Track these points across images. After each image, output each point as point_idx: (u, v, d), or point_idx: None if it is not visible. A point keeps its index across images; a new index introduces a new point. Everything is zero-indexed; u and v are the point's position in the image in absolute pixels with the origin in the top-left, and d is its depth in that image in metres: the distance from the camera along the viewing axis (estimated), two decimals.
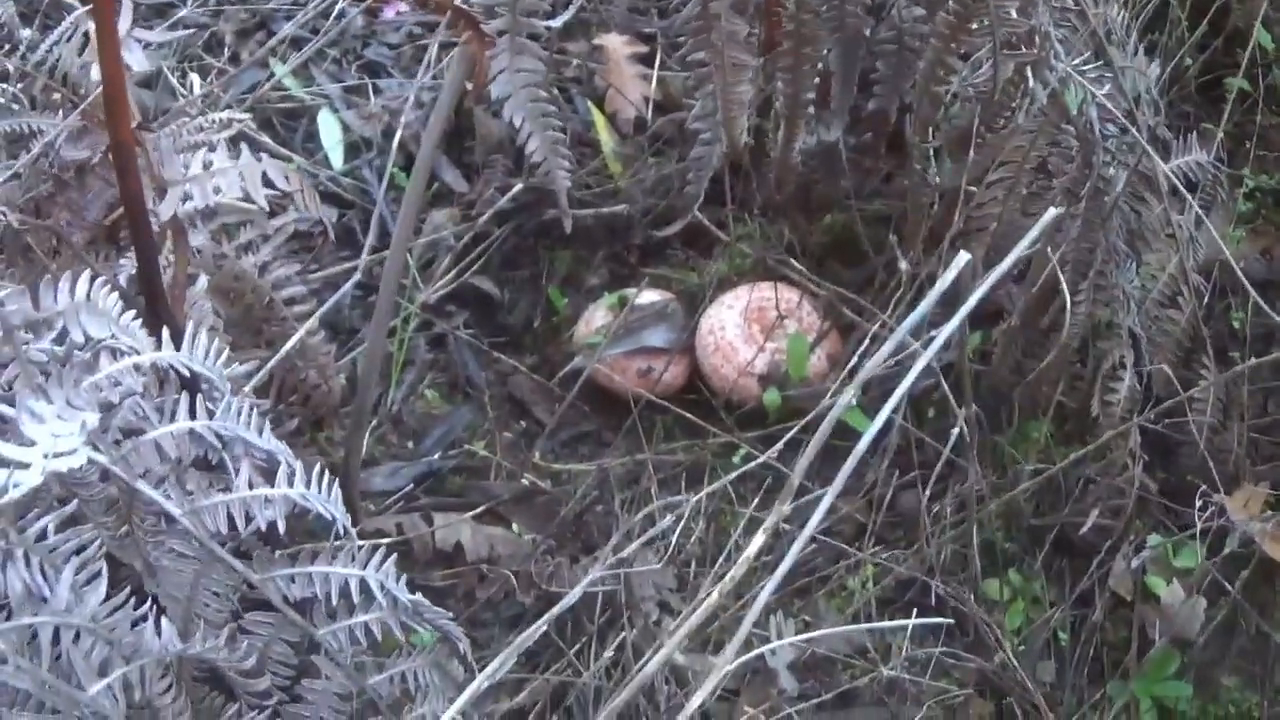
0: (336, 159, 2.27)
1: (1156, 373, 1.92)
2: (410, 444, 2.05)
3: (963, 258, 1.13)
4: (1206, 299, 1.96)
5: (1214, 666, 1.93)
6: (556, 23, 1.62)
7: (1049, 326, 1.93)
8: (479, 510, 1.98)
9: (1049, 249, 1.84)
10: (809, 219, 2.14)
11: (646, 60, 2.31)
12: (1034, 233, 1.18)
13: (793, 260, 2.10)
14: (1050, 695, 1.88)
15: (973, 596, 1.92)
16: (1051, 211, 1.21)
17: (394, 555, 1.35)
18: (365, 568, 1.33)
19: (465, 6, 1.50)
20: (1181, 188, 1.90)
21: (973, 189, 1.87)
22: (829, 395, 1.95)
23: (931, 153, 1.95)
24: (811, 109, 1.91)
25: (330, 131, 2.29)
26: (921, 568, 1.93)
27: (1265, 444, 2.03)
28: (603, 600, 1.87)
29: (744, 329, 2.01)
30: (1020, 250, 1.18)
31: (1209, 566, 1.92)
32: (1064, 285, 1.80)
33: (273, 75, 2.35)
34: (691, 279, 2.15)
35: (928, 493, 1.90)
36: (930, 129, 1.91)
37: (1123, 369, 1.87)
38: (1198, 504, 1.82)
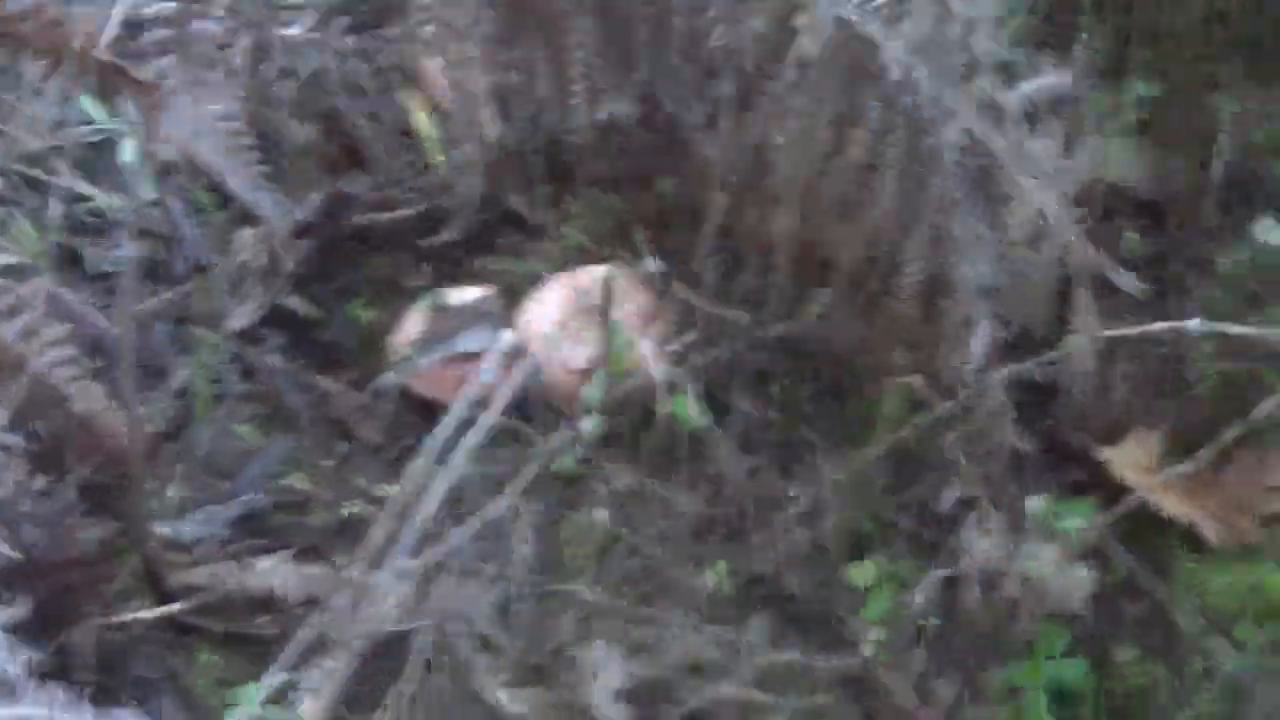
0: (144, 187, 2.12)
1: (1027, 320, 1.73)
2: (224, 484, 1.90)
3: None
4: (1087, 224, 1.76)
5: (1106, 639, 1.73)
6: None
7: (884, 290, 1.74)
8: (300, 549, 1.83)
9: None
10: (642, 189, 1.97)
11: None
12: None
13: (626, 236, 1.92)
14: (922, 688, 1.70)
15: (830, 587, 1.74)
16: None
17: None
18: None
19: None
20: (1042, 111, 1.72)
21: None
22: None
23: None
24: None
25: (133, 160, 2.13)
26: (774, 560, 1.75)
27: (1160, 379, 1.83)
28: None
29: (562, 322, 1.84)
30: None
31: (1095, 527, 1.74)
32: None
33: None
34: (521, 268, 1.97)
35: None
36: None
37: (972, 325, 1.67)
38: None
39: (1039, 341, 1.73)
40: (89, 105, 2.18)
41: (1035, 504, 1.75)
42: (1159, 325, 1.74)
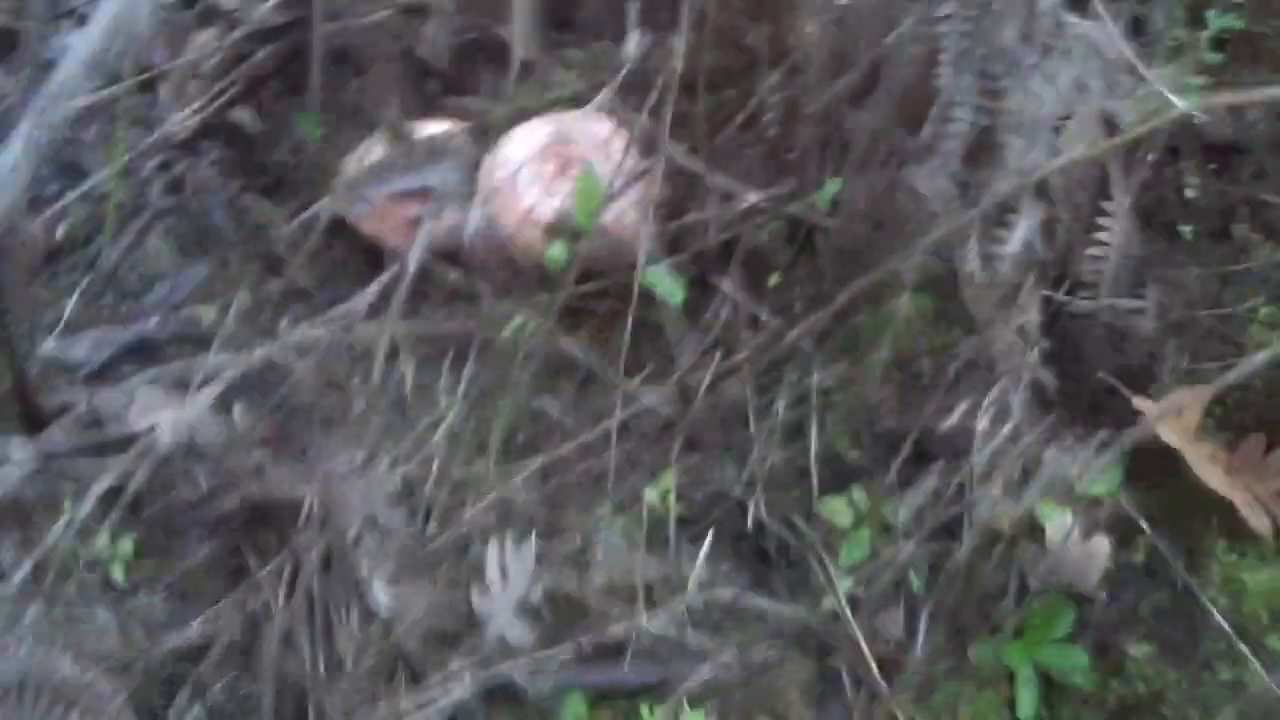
0: None
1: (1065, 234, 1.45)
2: (125, 306, 1.63)
3: None
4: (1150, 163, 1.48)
5: (1120, 629, 1.44)
6: None
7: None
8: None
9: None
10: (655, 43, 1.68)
11: None
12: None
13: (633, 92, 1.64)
14: (893, 657, 1.42)
15: (805, 520, 1.46)
16: None
17: None
18: None
19: None
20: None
21: None
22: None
23: None
24: None
25: None
26: (741, 480, 1.48)
27: (1207, 341, 1.54)
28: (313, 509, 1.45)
29: (537, 168, 1.55)
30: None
31: (1126, 495, 1.46)
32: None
33: None
34: (499, 111, 1.69)
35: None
36: None
37: (1013, 213, 1.39)
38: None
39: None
40: None
41: (1056, 457, 1.47)
42: None
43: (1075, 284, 1.47)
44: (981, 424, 1.41)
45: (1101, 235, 1.38)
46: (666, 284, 1.47)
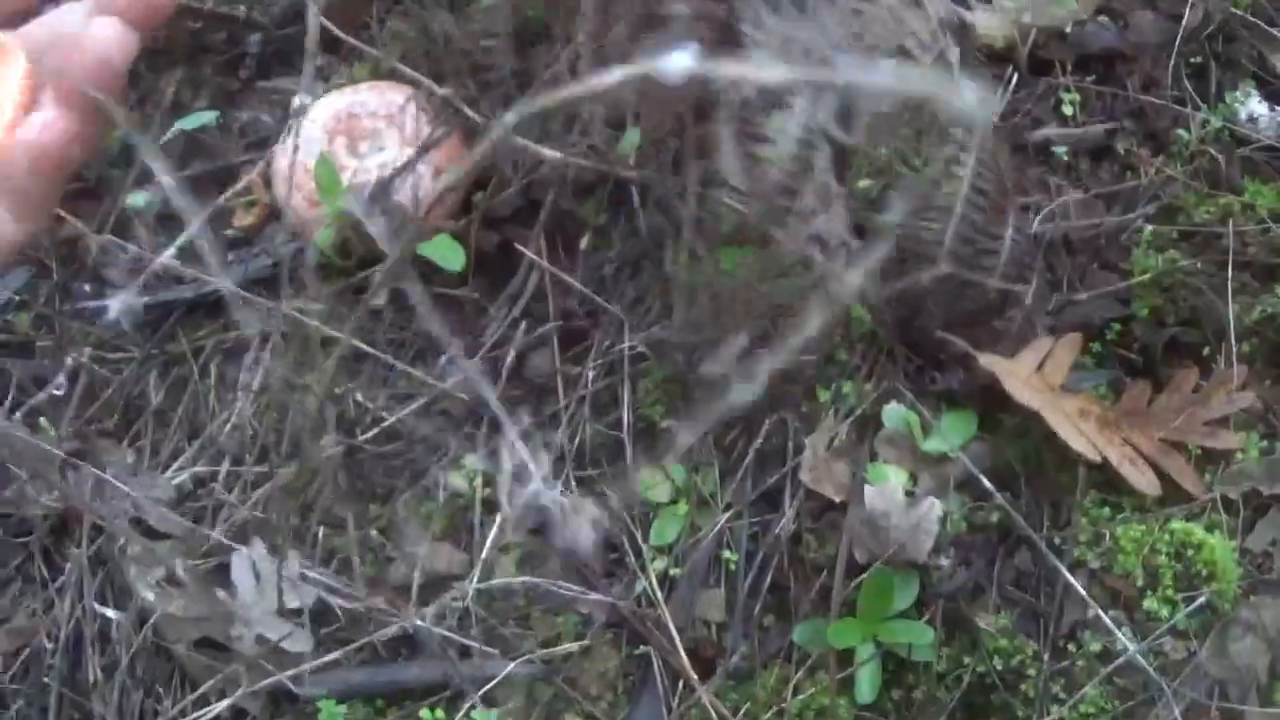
0: None
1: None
2: None
3: None
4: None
5: (973, 599, 1.28)
6: None
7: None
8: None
9: None
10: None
11: None
12: None
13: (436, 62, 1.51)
14: (711, 642, 1.27)
15: (620, 496, 1.33)
16: None
17: None
18: None
19: None
20: None
21: None
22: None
23: None
24: None
25: None
26: (551, 452, 1.35)
27: (1086, 272, 1.38)
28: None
29: (325, 145, 1.44)
30: None
31: (979, 448, 1.31)
32: None
33: None
34: (316, 91, 1.58)
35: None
36: None
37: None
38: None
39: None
40: None
41: (895, 411, 1.32)
42: None
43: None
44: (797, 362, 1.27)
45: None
46: (443, 252, 1.35)
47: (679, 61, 0.43)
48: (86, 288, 1.56)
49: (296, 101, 1.51)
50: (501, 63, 1.44)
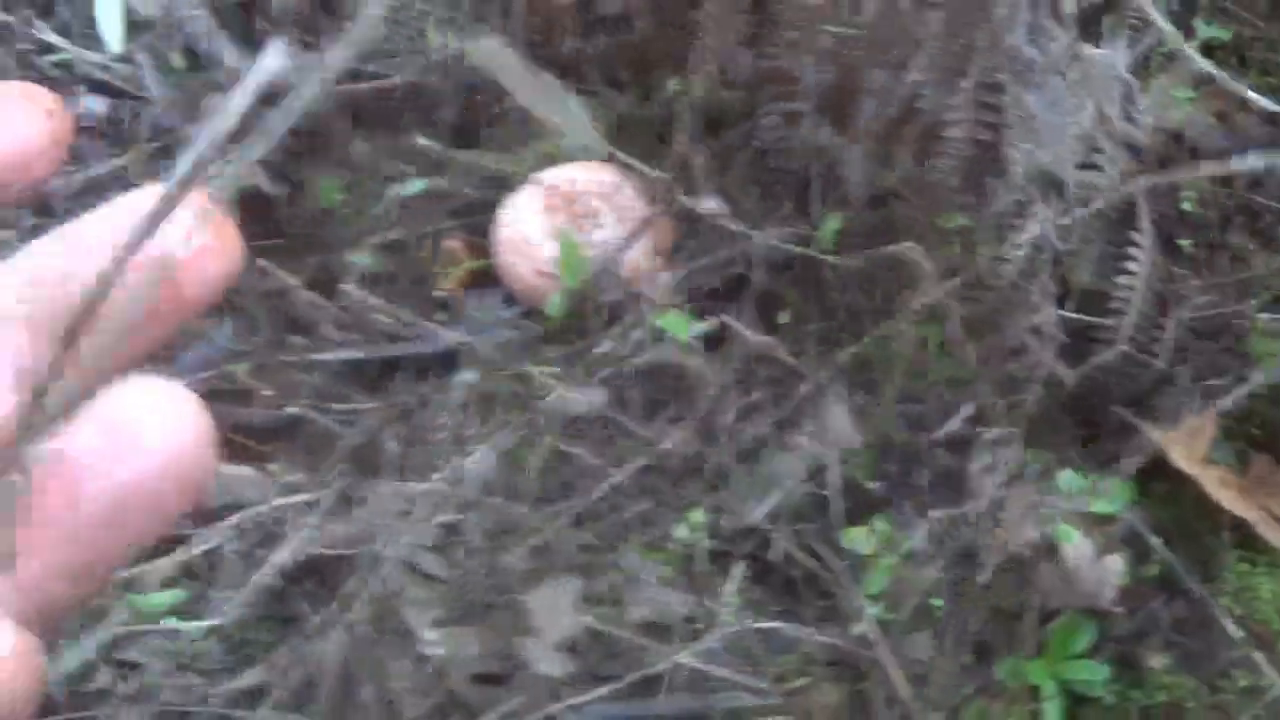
0: (114, 42, 1.90)
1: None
2: (159, 369, 1.67)
3: None
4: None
5: (1139, 642, 1.49)
6: None
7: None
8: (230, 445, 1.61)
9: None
10: (647, 82, 1.73)
11: None
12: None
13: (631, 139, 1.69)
14: (922, 678, 1.47)
15: (829, 550, 1.51)
16: None
17: None
18: None
19: None
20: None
21: None
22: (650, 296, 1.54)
23: None
24: None
25: (109, 12, 1.91)
26: (765, 514, 1.53)
27: (1213, 356, 1.59)
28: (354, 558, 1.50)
29: (546, 219, 1.60)
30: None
31: (1137, 513, 1.51)
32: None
33: None
34: (506, 164, 1.74)
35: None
36: None
37: (1022, 216, 1.45)
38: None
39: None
40: None
41: (1068, 477, 1.52)
42: None
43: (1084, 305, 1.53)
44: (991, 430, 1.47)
45: (1130, 265, 1.43)
46: (674, 324, 1.52)
47: None
48: (299, 340, 1.70)
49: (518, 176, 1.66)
50: (693, 146, 1.62)
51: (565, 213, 1.61)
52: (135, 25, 1.93)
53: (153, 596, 1.53)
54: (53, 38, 1.93)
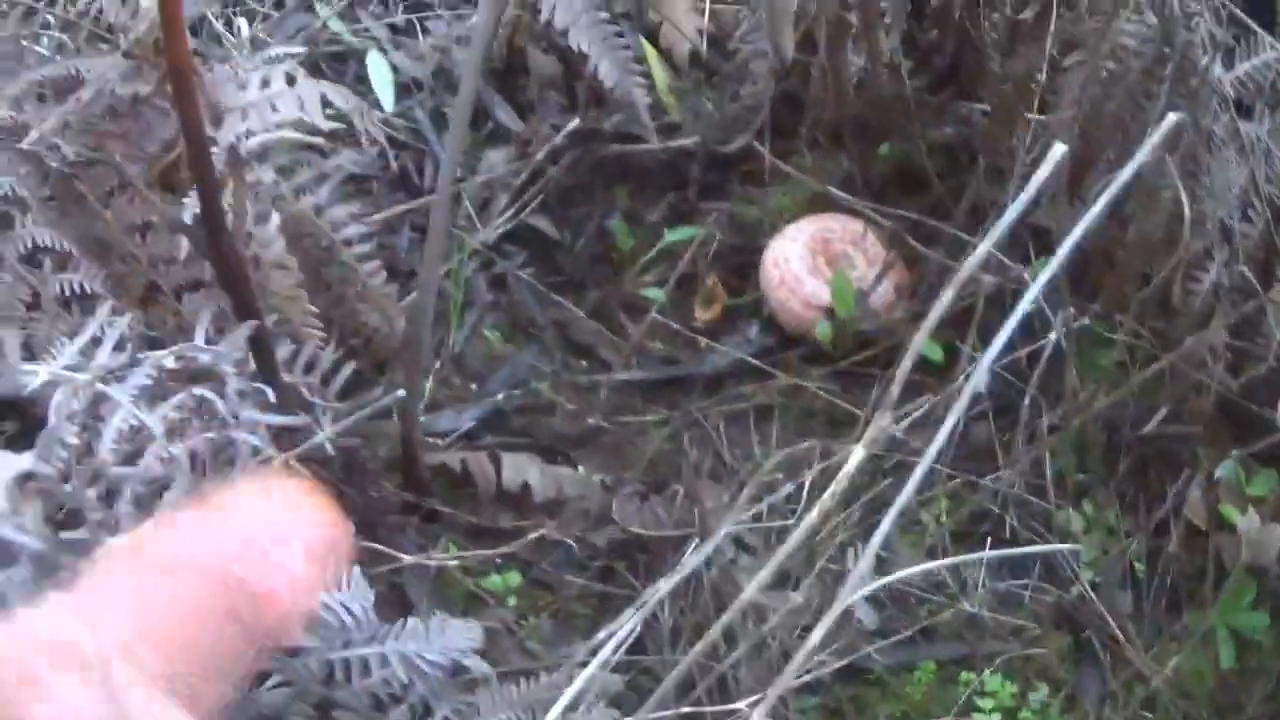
0: (387, 100, 2.24)
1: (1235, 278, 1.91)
2: (474, 385, 2.03)
3: (1058, 150, 1.06)
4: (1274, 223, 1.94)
5: None
6: None
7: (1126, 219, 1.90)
8: (544, 450, 1.97)
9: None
10: (867, 147, 2.12)
11: None
12: (1156, 138, 1.14)
13: (851, 192, 2.07)
14: (1127, 627, 1.87)
15: (1047, 528, 1.91)
16: (1172, 117, 1.17)
17: None
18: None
19: None
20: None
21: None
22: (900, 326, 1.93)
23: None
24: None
25: (379, 73, 2.26)
26: (995, 501, 1.91)
27: None
28: (678, 542, 1.86)
29: (809, 261, 1.99)
30: (1140, 159, 1.14)
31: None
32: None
33: (319, 19, 2.32)
34: (751, 212, 2.12)
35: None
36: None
37: (1209, 259, 1.84)
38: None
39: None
40: (328, 15, 2.30)
41: (1229, 466, 1.93)
42: None
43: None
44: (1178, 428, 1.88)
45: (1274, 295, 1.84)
46: (929, 348, 1.91)
47: None
48: (584, 363, 2.06)
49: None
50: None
51: (824, 255, 1.98)
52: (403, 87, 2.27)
53: (491, 578, 1.88)
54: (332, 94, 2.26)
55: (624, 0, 2.31)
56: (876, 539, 1.16)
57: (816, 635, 1.14)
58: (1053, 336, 1.77)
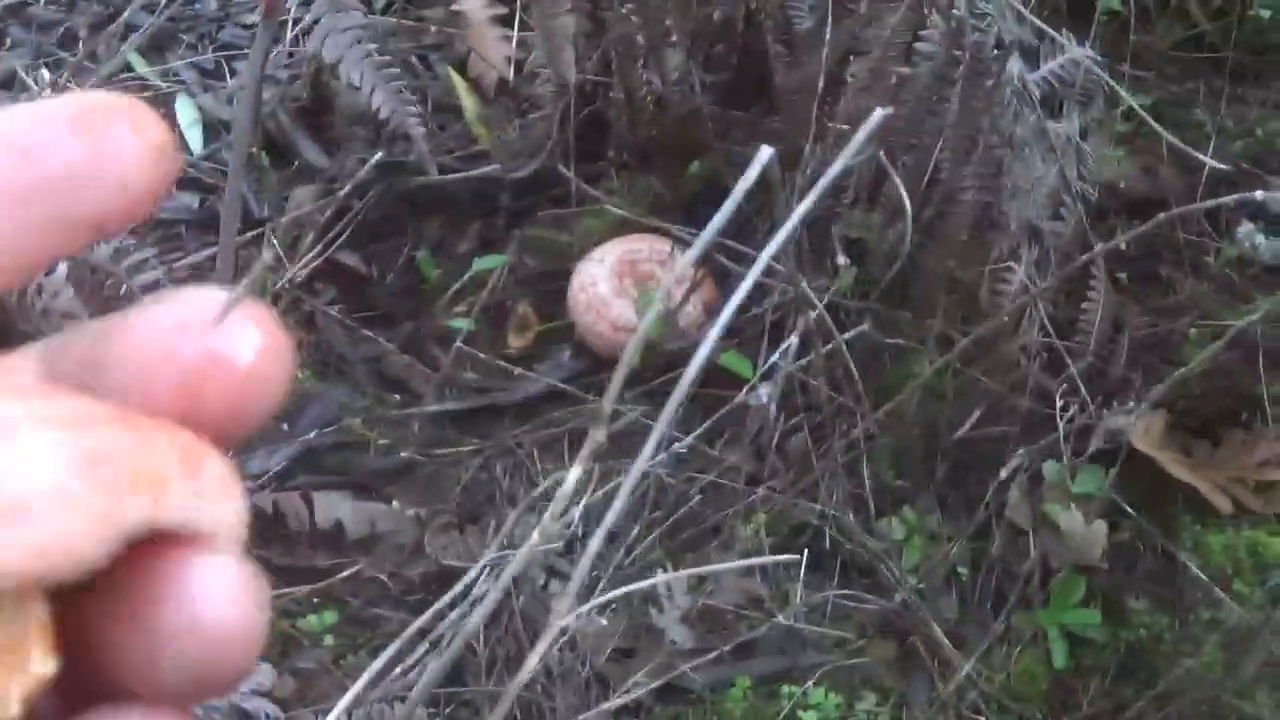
0: (195, 143, 2.20)
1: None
2: (285, 425, 1.98)
3: (764, 153, 1.03)
4: (1087, 220, 1.92)
5: (1120, 591, 1.87)
6: None
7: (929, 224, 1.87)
8: (358, 487, 1.92)
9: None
10: (676, 167, 2.09)
11: (506, 21, 2.24)
12: (861, 136, 1.11)
13: (661, 212, 2.04)
14: (954, 632, 1.83)
15: (868, 537, 1.87)
16: (879, 112, 1.14)
17: None
18: None
19: None
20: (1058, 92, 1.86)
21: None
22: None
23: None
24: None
25: (187, 115, 2.22)
26: (813, 513, 1.87)
27: (1152, 364, 1.98)
28: (488, 570, 1.81)
29: (615, 283, 1.95)
30: (846, 157, 1.11)
31: (1108, 491, 1.88)
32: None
33: (128, 65, 2.28)
34: (563, 239, 2.08)
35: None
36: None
37: (1015, 260, 1.82)
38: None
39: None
40: (137, 61, 2.26)
41: (1053, 466, 1.89)
42: None
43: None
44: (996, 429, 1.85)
45: (1090, 294, 1.82)
46: (737, 363, 1.87)
47: None
48: (397, 397, 2.01)
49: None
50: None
51: (631, 277, 1.95)
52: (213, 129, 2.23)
53: (308, 619, 1.83)
54: None
55: (432, 31, 2.28)
56: (609, 517, 1.11)
57: None
58: (848, 336, 1.73)
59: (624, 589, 1.72)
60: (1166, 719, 1.82)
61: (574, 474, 1.13)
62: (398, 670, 1.66)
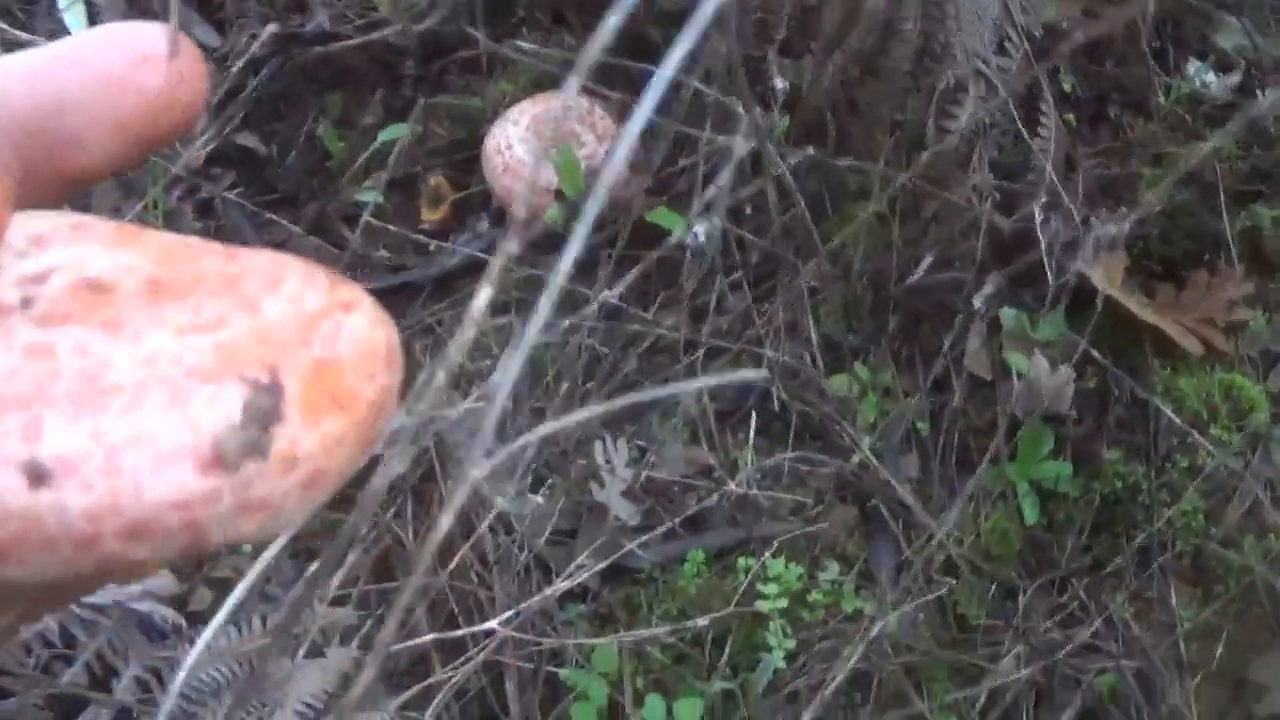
0: (77, 27, 2.03)
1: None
2: None
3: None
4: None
5: (1091, 441, 1.75)
6: None
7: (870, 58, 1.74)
8: None
9: None
10: (590, 21, 1.94)
11: None
12: None
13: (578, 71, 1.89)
14: (918, 491, 1.70)
15: (820, 395, 1.73)
16: None
17: None
18: None
19: None
20: None
21: None
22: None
23: None
24: None
25: (75, 19, 2.04)
26: (759, 373, 1.74)
27: (1109, 207, 1.86)
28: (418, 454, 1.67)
29: (533, 143, 1.80)
30: None
31: (1072, 336, 1.76)
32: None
33: None
34: (474, 104, 1.93)
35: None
36: None
37: (962, 92, 1.69)
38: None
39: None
40: None
41: (1010, 314, 1.77)
42: None
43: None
44: (948, 274, 1.72)
45: (1040, 131, 1.69)
46: (667, 219, 1.73)
47: None
48: None
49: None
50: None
51: (550, 136, 1.80)
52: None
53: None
54: (21, 35, 2.04)
55: None
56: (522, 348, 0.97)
57: None
58: (777, 173, 1.60)
59: (548, 426, 1.60)
60: (1148, 574, 1.71)
61: (485, 294, 0.99)
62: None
